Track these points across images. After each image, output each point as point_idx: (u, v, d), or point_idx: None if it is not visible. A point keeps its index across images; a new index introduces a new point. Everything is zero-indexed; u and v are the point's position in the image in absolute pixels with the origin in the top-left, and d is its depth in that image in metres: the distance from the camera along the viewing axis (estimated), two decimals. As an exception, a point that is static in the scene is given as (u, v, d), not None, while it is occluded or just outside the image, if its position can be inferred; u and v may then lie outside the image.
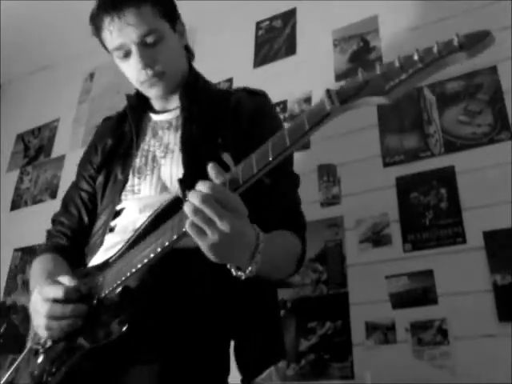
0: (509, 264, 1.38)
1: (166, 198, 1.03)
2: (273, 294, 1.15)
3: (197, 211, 0.76)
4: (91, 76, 2.77)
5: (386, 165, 1.68)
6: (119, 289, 0.95)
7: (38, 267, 1.17)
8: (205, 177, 0.81)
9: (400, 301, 1.49)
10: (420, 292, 1.47)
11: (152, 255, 0.87)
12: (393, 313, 1.49)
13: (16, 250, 2.45)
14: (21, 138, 2.87)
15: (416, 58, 0.65)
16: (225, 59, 2.25)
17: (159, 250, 0.85)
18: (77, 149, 2.54)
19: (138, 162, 1.19)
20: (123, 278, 0.92)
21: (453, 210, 1.52)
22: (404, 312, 1.47)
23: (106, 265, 1.02)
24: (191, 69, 1.28)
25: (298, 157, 1.95)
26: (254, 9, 2.30)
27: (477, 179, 1.51)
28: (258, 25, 2.29)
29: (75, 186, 1.33)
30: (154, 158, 1.17)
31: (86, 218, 1.25)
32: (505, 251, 1.40)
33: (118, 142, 1.27)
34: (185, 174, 1.07)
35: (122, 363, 0.94)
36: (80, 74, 2.81)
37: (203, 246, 0.78)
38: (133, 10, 1.10)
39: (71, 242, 1.24)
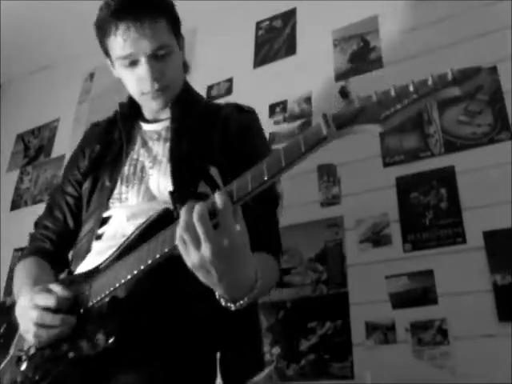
0: (509, 264, 1.38)
1: (154, 206, 1.03)
2: (254, 308, 1.15)
3: (189, 227, 0.75)
4: (91, 76, 2.77)
5: (385, 165, 1.68)
6: (107, 299, 0.94)
7: (23, 272, 1.16)
8: (195, 191, 0.80)
9: (400, 301, 1.49)
10: (420, 292, 1.47)
11: (142, 267, 0.86)
12: (393, 313, 1.49)
13: (16, 250, 2.44)
14: (21, 138, 2.87)
15: (411, 89, 0.67)
16: (225, 59, 2.25)
17: (150, 261, 0.85)
18: (77, 149, 2.54)
19: (126, 170, 1.19)
20: (112, 289, 0.92)
21: (453, 210, 1.52)
22: (404, 312, 1.47)
23: (92, 273, 1.01)
24: (184, 81, 1.28)
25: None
26: (254, 9, 2.30)
27: (477, 179, 1.51)
28: (258, 25, 2.29)
29: (60, 189, 1.32)
30: (143, 169, 1.17)
31: (71, 223, 1.24)
32: (505, 251, 1.40)
33: (106, 149, 1.26)
34: (174, 188, 1.07)
35: (109, 371, 0.94)
36: (80, 74, 2.81)
37: (187, 263, 0.78)
38: (151, 23, 1.09)
39: (55, 246, 1.23)
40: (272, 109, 2.00)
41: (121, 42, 1.11)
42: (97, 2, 1.18)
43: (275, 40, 2.20)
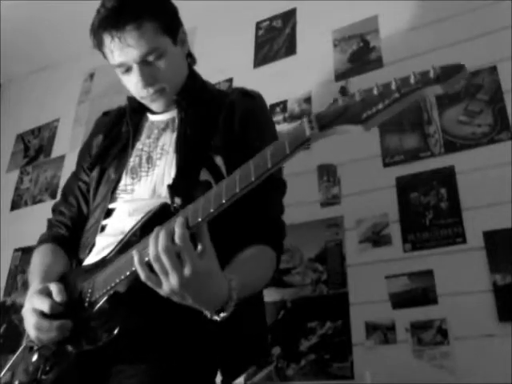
0: (509, 264, 1.38)
1: (155, 202, 1.03)
2: (258, 295, 1.15)
3: (157, 259, 0.80)
4: (91, 76, 2.77)
5: (385, 165, 1.68)
6: (107, 295, 0.96)
7: (38, 261, 1.18)
8: (196, 180, 0.81)
9: (400, 301, 1.49)
10: (420, 292, 1.47)
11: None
12: (393, 313, 1.49)
13: (16, 250, 2.44)
14: (21, 137, 2.86)
15: (394, 87, 0.67)
16: (225, 59, 2.25)
17: (147, 259, 0.86)
18: (77, 149, 2.52)
19: (131, 161, 1.19)
20: (112, 285, 0.94)
21: (453, 210, 1.52)
22: (404, 312, 1.47)
23: (96, 268, 1.03)
24: (190, 71, 1.27)
25: (298, 157, 1.95)
26: (254, 9, 2.30)
27: (477, 179, 1.51)
28: (258, 25, 2.29)
29: (74, 175, 1.35)
30: (149, 160, 1.17)
31: (85, 209, 1.26)
32: (505, 251, 1.40)
33: (112, 141, 1.27)
34: (175, 179, 1.07)
35: (109, 365, 0.96)
36: (80, 73, 2.81)
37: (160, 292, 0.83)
38: (133, 30, 1.07)
39: (70, 231, 1.26)
40: (272, 109, 1.99)
41: (109, 52, 1.12)
42: (97, 2, 1.17)
43: (275, 40, 2.20)
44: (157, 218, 0.95)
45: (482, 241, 1.44)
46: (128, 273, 0.90)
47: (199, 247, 0.82)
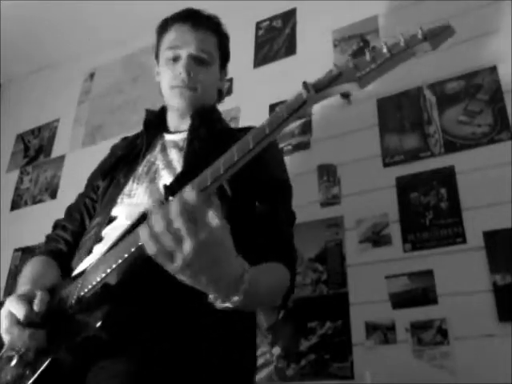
0: (509, 264, 1.38)
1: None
2: (251, 318, 1.15)
3: (170, 226, 0.71)
4: (91, 76, 2.77)
5: (385, 165, 1.68)
6: (98, 286, 0.93)
7: (28, 269, 1.17)
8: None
9: (400, 301, 1.49)
10: (420, 292, 1.47)
11: (133, 249, 0.86)
12: (393, 313, 1.49)
13: (16, 250, 2.44)
14: (21, 137, 2.86)
15: (385, 50, 0.72)
16: (225, 59, 2.25)
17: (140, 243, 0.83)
18: (76, 149, 2.54)
19: (140, 169, 1.22)
20: (103, 275, 0.91)
21: (453, 210, 1.52)
22: (404, 312, 1.47)
23: (83, 273, 1.01)
24: (214, 104, 1.36)
25: (298, 157, 1.96)
26: (254, 9, 2.30)
27: (477, 179, 1.51)
28: (258, 25, 2.29)
29: (81, 194, 1.36)
30: (156, 171, 1.19)
31: (88, 223, 1.26)
32: (505, 251, 1.40)
33: (128, 153, 1.31)
34: (172, 181, 1.08)
35: (94, 358, 0.93)
36: (80, 73, 2.81)
37: (169, 270, 0.75)
38: (204, 31, 1.30)
39: (69, 246, 1.24)
40: (272, 109, 2.00)
41: (173, 35, 1.29)
42: (96, 2, 1.18)
43: (275, 40, 2.20)
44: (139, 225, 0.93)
45: (481, 241, 1.44)
46: (120, 261, 0.87)
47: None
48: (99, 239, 1.13)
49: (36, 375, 0.93)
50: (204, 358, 0.97)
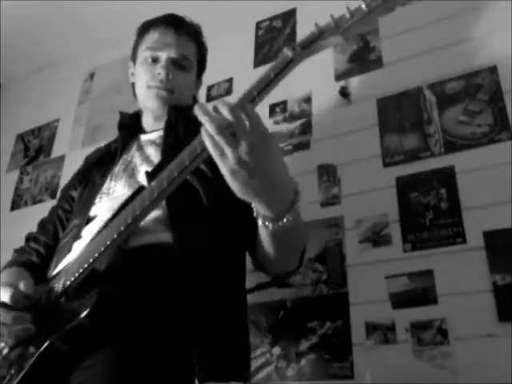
0: (509, 264, 1.38)
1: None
2: (244, 313, 1.14)
3: (221, 128, 0.72)
4: (91, 76, 2.77)
5: (385, 165, 1.68)
6: (85, 273, 0.93)
7: (2, 276, 1.12)
8: None
9: (400, 301, 1.49)
10: (420, 292, 1.47)
11: (129, 220, 0.88)
12: (393, 313, 1.49)
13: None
14: (21, 137, 2.86)
15: (363, 6, 0.79)
16: (225, 59, 2.25)
17: (138, 212, 0.87)
18: (76, 149, 2.54)
19: (117, 168, 1.21)
20: (91, 260, 0.91)
21: (453, 210, 1.52)
22: (404, 312, 1.47)
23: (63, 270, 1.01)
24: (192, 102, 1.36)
25: (297, 157, 1.95)
26: (254, 9, 2.29)
27: (477, 179, 1.51)
28: (258, 25, 2.29)
29: (54, 207, 1.36)
30: (135, 167, 1.19)
31: (61, 234, 1.25)
32: (505, 251, 1.40)
33: (103, 156, 1.32)
34: (153, 168, 1.07)
35: (80, 352, 0.90)
36: (80, 73, 2.81)
37: (223, 171, 0.74)
38: (186, 37, 1.33)
39: (41, 258, 1.23)
40: (272, 109, 1.99)
41: (155, 36, 1.31)
42: (96, 2, 1.18)
43: (275, 40, 2.20)
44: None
45: (481, 241, 1.44)
46: (115, 235, 0.88)
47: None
48: (79, 238, 1.11)
49: (23, 372, 0.90)
50: (187, 351, 0.93)
